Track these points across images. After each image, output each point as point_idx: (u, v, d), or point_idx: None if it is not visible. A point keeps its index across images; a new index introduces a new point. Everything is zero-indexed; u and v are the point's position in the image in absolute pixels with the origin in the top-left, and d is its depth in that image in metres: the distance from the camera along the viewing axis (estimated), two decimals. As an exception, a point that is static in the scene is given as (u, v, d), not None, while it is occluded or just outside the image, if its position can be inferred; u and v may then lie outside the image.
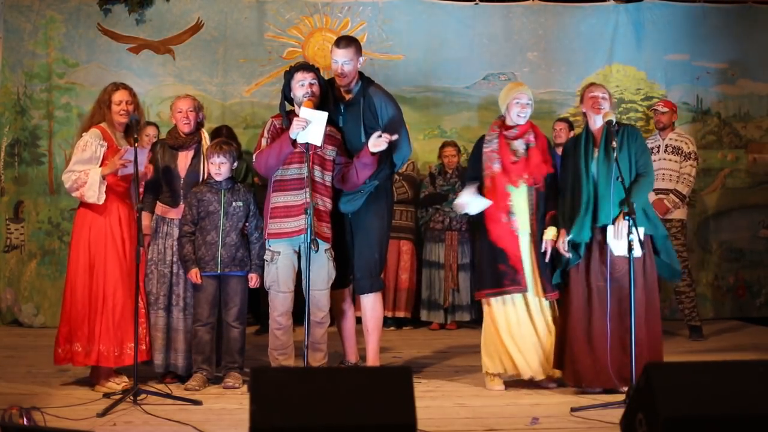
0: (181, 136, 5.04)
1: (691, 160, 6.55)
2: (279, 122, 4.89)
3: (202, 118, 5.12)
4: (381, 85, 5.15)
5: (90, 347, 4.71)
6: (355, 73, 4.96)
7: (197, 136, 5.05)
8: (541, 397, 4.69)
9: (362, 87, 4.98)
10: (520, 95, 4.87)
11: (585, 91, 4.90)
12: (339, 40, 4.99)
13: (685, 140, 6.64)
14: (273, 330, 4.89)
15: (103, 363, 4.72)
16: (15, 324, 7.21)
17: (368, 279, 5.01)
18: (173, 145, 5.04)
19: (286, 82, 4.89)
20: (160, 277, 4.95)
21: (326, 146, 4.80)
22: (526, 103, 4.86)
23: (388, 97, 5.04)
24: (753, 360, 3.67)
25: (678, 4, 7.88)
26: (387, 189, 5.11)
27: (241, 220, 4.97)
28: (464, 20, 7.72)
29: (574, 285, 4.74)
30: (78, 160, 4.74)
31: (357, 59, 4.93)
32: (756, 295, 7.91)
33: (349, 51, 4.89)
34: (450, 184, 7.12)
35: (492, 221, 4.79)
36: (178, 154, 5.03)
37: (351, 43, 4.95)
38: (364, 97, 4.95)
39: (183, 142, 5.03)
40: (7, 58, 7.34)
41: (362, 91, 4.97)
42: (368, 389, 2.97)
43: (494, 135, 4.93)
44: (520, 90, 4.91)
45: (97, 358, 4.70)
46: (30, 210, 7.31)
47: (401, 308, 7.21)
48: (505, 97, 4.92)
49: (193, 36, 7.50)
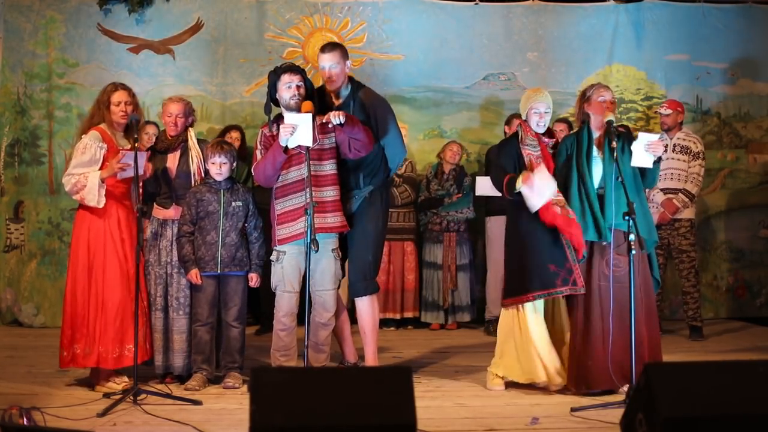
0: (168, 138, 5.04)
1: (700, 160, 6.58)
2: (268, 130, 4.89)
3: (191, 122, 5.10)
4: (380, 84, 5.17)
5: (90, 349, 4.71)
6: (344, 76, 4.97)
7: (183, 136, 5.03)
8: (541, 397, 4.69)
9: (352, 90, 4.99)
10: (538, 104, 4.78)
11: (593, 93, 4.81)
12: (324, 46, 5.03)
13: (693, 140, 6.66)
14: (277, 331, 4.89)
15: (102, 365, 4.72)
16: (15, 324, 7.20)
17: (362, 282, 5.01)
18: (161, 148, 5.05)
19: (272, 83, 4.88)
20: (156, 278, 4.95)
21: (322, 137, 4.82)
22: (544, 111, 4.79)
23: (379, 99, 5.05)
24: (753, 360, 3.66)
25: (678, 4, 7.88)
26: (382, 193, 5.11)
27: (241, 220, 4.97)
28: (464, 20, 7.71)
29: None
30: (78, 163, 4.75)
31: (344, 62, 4.94)
32: (756, 295, 7.90)
33: (335, 55, 4.91)
34: (444, 189, 7.12)
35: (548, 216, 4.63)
36: (166, 156, 5.03)
37: (336, 47, 5.00)
38: (353, 100, 4.96)
39: (169, 144, 5.03)
40: (7, 58, 7.33)
41: (352, 94, 4.98)
42: (368, 389, 2.97)
43: (533, 139, 4.81)
44: (538, 99, 4.80)
45: (96, 360, 4.71)
46: (30, 210, 7.31)
47: (409, 308, 7.19)
48: (524, 105, 4.85)
49: (193, 36, 7.49)
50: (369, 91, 5.06)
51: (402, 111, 7.31)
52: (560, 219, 4.61)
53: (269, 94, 4.92)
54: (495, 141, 7.09)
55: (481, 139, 7.60)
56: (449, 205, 7.11)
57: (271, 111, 4.92)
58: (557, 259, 4.67)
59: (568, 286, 4.67)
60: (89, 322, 4.72)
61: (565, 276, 4.66)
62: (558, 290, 4.68)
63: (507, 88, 7.67)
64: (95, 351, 4.70)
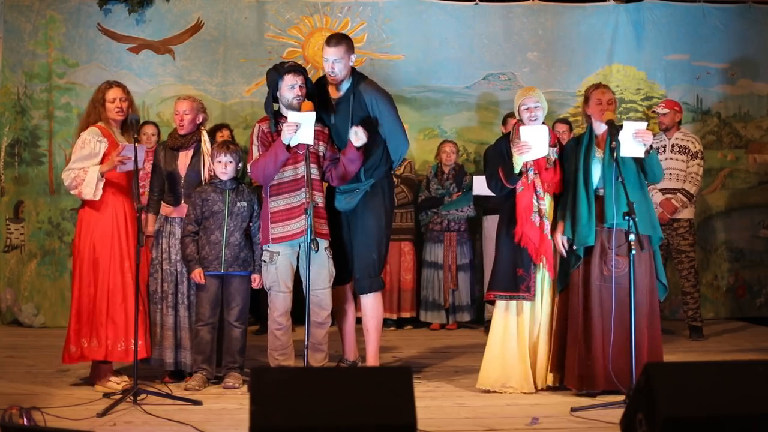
0: (180, 136, 5.06)
1: (698, 159, 6.57)
2: (266, 126, 4.89)
3: (202, 120, 5.12)
4: (380, 84, 5.13)
5: (98, 342, 4.74)
6: (347, 71, 4.92)
7: (196, 135, 5.06)
8: (541, 397, 4.69)
9: (352, 84, 4.95)
10: (526, 100, 4.82)
11: (591, 94, 4.84)
12: (330, 38, 4.94)
13: (691, 139, 6.65)
14: (273, 330, 4.89)
15: (110, 358, 4.75)
16: (15, 324, 7.20)
17: (367, 279, 5.00)
18: (173, 146, 5.06)
19: (274, 81, 4.87)
20: (166, 276, 4.97)
21: (317, 142, 4.82)
22: (534, 106, 4.80)
23: (380, 92, 5.00)
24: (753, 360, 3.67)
25: (678, 4, 7.88)
26: (384, 187, 5.07)
27: (245, 220, 4.97)
28: (464, 20, 7.71)
29: (573, 286, 4.74)
30: (77, 158, 4.77)
31: (348, 57, 4.89)
32: (756, 295, 7.90)
33: (340, 49, 4.85)
34: (445, 188, 7.13)
35: (523, 221, 4.72)
36: (178, 154, 5.05)
37: (341, 41, 4.90)
38: (354, 94, 4.92)
39: (182, 142, 5.05)
40: (7, 58, 7.33)
41: (352, 87, 4.94)
42: (368, 389, 2.97)
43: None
44: (526, 95, 4.86)
45: (105, 353, 4.73)
46: (30, 210, 7.31)
47: (406, 309, 7.20)
48: (516, 105, 4.89)
49: (193, 36, 7.49)
50: (370, 84, 5.00)
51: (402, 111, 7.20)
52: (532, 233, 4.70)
53: (271, 92, 4.91)
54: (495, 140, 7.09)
55: (481, 139, 7.60)
56: (449, 204, 7.11)
57: (272, 109, 4.92)
58: (526, 264, 4.73)
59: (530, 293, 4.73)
60: (96, 316, 4.74)
61: (529, 284, 4.73)
62: (521, 295, 4.74)
63: (507, 88, 7.67)
64: (103, 345, 4.72)
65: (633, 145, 4.54)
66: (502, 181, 4.79)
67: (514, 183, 4.76)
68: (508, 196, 4.85)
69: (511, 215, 4.81)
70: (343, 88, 4.96)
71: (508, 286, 4.77)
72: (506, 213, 4.87)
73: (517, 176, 4.73)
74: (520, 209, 4.75)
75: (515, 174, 4.72)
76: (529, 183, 4.76)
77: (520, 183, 4.76)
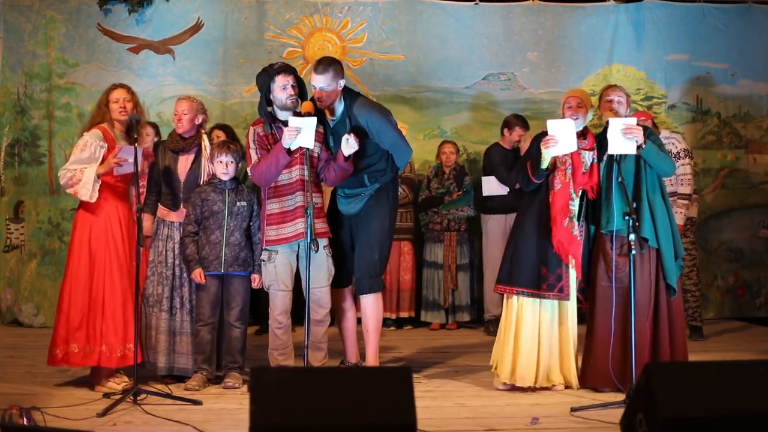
0: (180, 138, 5.04)
1: (684, 159, 6.38)
2: (261, 129, 4.89)
3: (202, 121, 5.09)
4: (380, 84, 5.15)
5: (90, 348, 4.71)
6: (335, 95, 4.88)
7: (198, 139, 5.04)
8: (541, 397, 4.69)
9: (346, 107, 4.92)
10: (569, 99, 4.80)
11: (601, 94, 4.85)
12: (318, 63, 4.88)
13: (672, 140, 6.47)
14: (273, 329, 4.90)
15: (105, 363, 4.72)
16: (15, 324, 7.20)
17: (368, 279, 5.00)
18: (174, 148, 5.04)
19: (265, 85, 4.87)
20: (161, 280, 4.95)
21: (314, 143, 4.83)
22: (577, 105, 4.76)
23: (374, 109, 4.98)
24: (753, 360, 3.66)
25: (678, 4, 7.88)
26: (389, 192, 5.08)
27: (245, 220, 4.97)
28: (464, 20, 7.72)
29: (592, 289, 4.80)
30: (76, 159, 4.76)
31: (336, 83, 4.84)
32: (756, 295, 7.90)
33: (327, 77, 4.81)
34: (445, 187, 7.13)
35: (558, 227, 4.67)
36: (178, 157, 5.04)
37: (329, 67, 4.83)
38: (349, 117, 4.91)
39: (183, 145, 5.02)
40: (7, 58, 7.33)
41: (346, 111, 4.92)
42: (368, 389, 2.97)
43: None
44: (569, 94, 4.87)
45: (98, 359, 4.70)
46: (30, 210, 7.31)
47: (405, 308, 7.21)
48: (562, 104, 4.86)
49: (193, 36, 7.49)
50: (363, 102, 4.97)
51: (402, 111, 7.31)
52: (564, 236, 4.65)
53: (263, 94, 4.91)
54: (495, 141, 7.10)
55: (481, 139, 7.59)
56: (449, 204, 7.11)
57: (266, 111, 4.92)
58: (550, 263, 4.70)
59: (554, 292, 4.69)
60: (90, 320, 4.72)
61: (553, 282, 4.69)
62: (542, 293, 4.70)
63: (507, 89, 7.68)
64: (96, 350, 4.70)
65: (622, 142, 4.46)
66: (528, 175, 4.74)
67: (540, 178, 4.71)
68: (531, 193, 4.80)
69: (539, 213, 4.73)
70: (337, 111, 4.95)
71: (532, 284, 4.70)
72: (530, 209, 4.79)
73: (544, 171, 4.68)
74: (556, 210, 4.68)
75: (542, 169, 4.67)
76: (567, 181, 4.69)
77: (558, 180, 4.70)
